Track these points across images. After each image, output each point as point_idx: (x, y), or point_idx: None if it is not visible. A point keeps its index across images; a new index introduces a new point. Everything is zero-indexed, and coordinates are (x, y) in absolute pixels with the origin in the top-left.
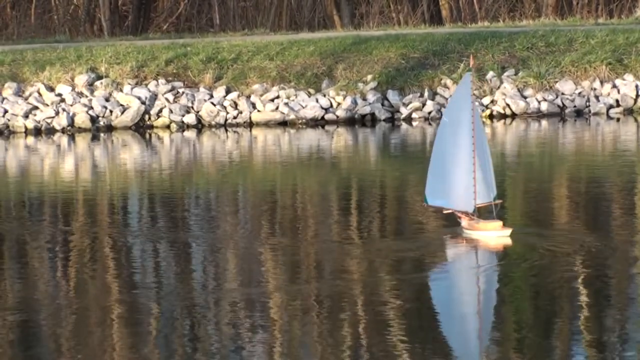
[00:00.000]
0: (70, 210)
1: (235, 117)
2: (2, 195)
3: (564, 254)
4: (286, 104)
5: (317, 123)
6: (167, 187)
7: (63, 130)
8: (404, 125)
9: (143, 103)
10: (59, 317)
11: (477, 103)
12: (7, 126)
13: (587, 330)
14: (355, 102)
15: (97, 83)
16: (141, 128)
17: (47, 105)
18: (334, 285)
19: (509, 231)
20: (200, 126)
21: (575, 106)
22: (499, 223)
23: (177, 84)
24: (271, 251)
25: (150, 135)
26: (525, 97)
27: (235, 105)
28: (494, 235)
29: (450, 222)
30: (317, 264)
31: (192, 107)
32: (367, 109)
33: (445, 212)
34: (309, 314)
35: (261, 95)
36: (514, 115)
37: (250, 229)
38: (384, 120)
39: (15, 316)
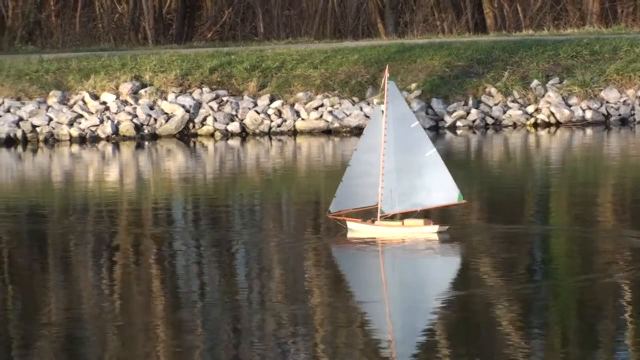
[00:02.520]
0: (114, 219)
1: (279, 126)
2: (47, 203)
3: None
4: (330, 112)
5: (361, 131)
6: (211, 195)
7: (108, 139)
8: (449, 134)
9: (187, 111)
10: (104, 333)
11: (409, 112)
12: (52, 134)
13: None
14: None
15: (142, 91)
16: (185, 136)
17: (92, 113)
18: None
19: (435, 228)
20: (244, 134)
21: (620, 115)
22: (422, 221)
23: (222, 92)
24: (315, 256)
25: (194, 143)
26: (570, 106)
27: (279, 113)
28: (420, 231)
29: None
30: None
31: (237, 116)
32: None
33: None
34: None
35: (305, 104)
36: (558, 124)
37: (294, 237)
38: (428, 128)
39: (61, 331)
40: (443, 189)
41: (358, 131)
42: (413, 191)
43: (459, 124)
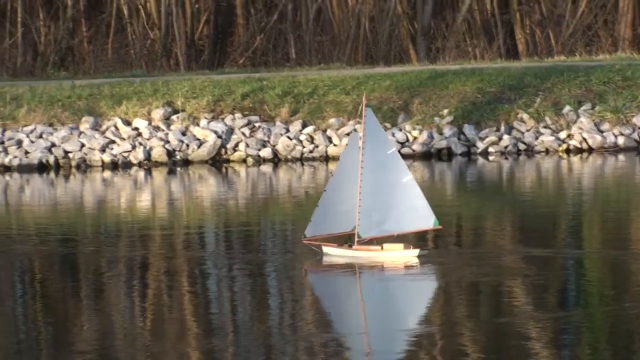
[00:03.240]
0: (146, 243)
1: (311, 151)
2: (79, 228)
3: None
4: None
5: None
6: (243, 220)
7: (140, 164)
8: (480, 160)
9: (219, 137)
10: None
11: (386, 138)
12: (84, 160)
13: None
14: (431, 137)
15: (174, 117)
16: (217, 162)
17: (124, 139)
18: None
19: (416, 251)
20: (276, 160)
21: None
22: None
23: (254, 118)
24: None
25: (226, 169)
26: (602, 132)
27: (311, 139)
28: (400, 255)
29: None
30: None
31: (269, 141)
32: (443, 143)
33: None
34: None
35: (337, 129)
36: (590, 150)
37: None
38: (460, 154)
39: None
40: (419, 214)
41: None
42: (389, 216)
43: (490, 149)
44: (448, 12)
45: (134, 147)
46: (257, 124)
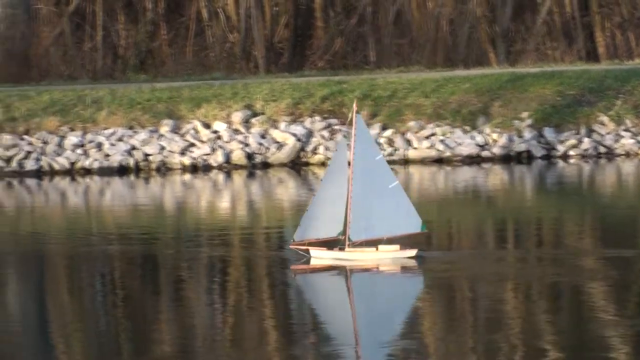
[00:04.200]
0: (226, 245)
1: (390, 154)
2: (160, 231)
3: None
4: (442, 141)
5: (472, 160)
6: None
7: (219, 167)
8: (560, 163)
9: (299, 140)
10: None
11: (374, 145)
12: (164, 163)
13: None
14: (511, 140)
15: (253, 120)
16: (297, 165)
17: (204, 142)
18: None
19: (413, 252)
20: None
21: None
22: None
23: (333, 120)
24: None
25: (305, 172)
26: None
27: (391, 142)
28: (396, 256)
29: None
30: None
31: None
32: (523, 147)
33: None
34: None
35: (417, 132)
36: None
37: (409, 265)
38: (540, 157)
39: None
40: (406, 219)
41: (469, 160)
42: (378, 220)
43: (570, 152)
44: (527, 15)
45: (213, 150)
46: (336, 127)
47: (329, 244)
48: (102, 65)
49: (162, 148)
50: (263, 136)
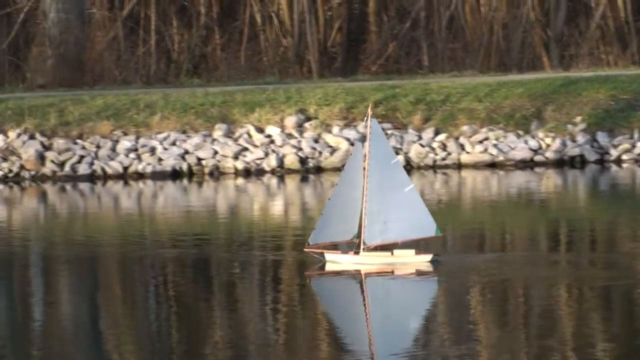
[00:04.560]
0: (279, 249)
1: (443, 159)
2: (213, 235)
3: None
4: (495, 145)
5: (525, 165)
6: None
7: (272, 172)
8: (614, 167)
9: (352, 144)
10: None
11: (389, 149)
12: (217, 167)
13: None
14: (564, 144)
15: (306, 124)
16: None
17: (257, 146)
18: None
19: (429, 257)
20: (409, 167)
21: None
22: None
23: (386, 125)
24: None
25: None
26: None
27: (444, 146)
28: (411, 261)
29: None
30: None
31: (401, 149)
32: (576, 151)
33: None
34: None
35: (470, 137)
36: None
37: (458, 269)
38: (593, 161)
39: None
40: (421, 222)
41: (522, 164)
42: (393, 224)
43: (624, 157)
44: (581, 19)
45: (266, 154)
46: (389, 131)
47: (344, 247)
48: (155, 70)
49: (215, 152)
50: (316, 140)
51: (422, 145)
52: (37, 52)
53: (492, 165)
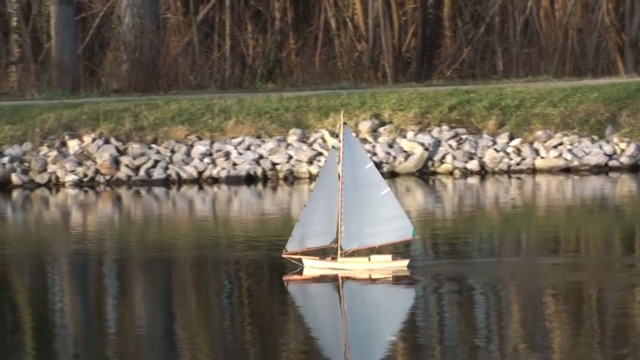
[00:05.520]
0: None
1: (518, 164)
2: (287, 239)
3: None
4: (569, 150)
5: (600, 170)
6: (449, 232)
7: None
8: None
9: (426, 149)
10: None
11: (364, 154)
12: (292, 172)
13: None
14: (639, 149)
15: (381, 129)
16: (424, 174)
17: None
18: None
19: (405, 262)
20: (483, 172)
21: None
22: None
23: (461, 130)
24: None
25: (433, 181)
26: None
27: (518, 151)
28: (389, 266)
29: None
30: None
31: (476, 154)
32: None
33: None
34: None
35: (544, 142)
36: None
37: (529, 275)
38: None
39: None
40: (398, 226)
41: (597, 169)
42: (370, 229)
43: None
44: None
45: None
46: (464, 136)
47: (320, 253)
48: (230, 75)
49: (290, 157)
50: (391, 145)
51: (497, 151)
52: (112, 57)
53: (567, 170)
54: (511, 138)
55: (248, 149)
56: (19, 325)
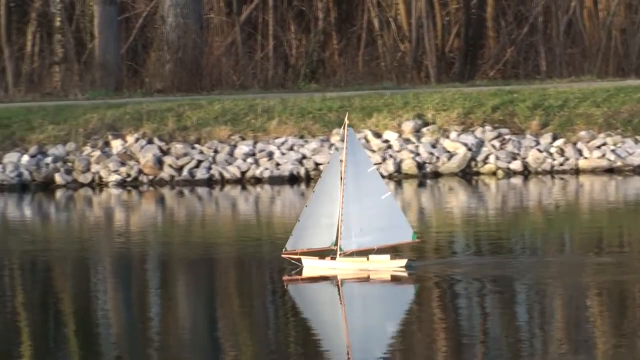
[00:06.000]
0: (392, 252)
1: (561, 164)
2: None
3: None
4: (613, 150)
5: None
6: (492, 233)
7: (390, 177)
8: None
9: (469, 149)
10: None
11: (366, 157)
12: None
13: None
14: None
15: (424, 129)
16: (467, 174)
17: (374, 151)
18: None
19: (403, 262)
20: (526, 173)
21: None
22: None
23: (504, 130)
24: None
25: (476, 181)
26: None
27: (561, 152)
28: (387, 266)
29: None
30: None
31: (519, 154)
32: None
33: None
34: None
35: (588, 142)
36: None
37: (577, 274)
38: None
39: None
40: (398, 228)
41: None
42: (369, 230)
43: None
44: None
45: (384, 159)
46: (507, 137)
47: (320, 254)
48: (273, 75)
49: None
50: (434, 145)
51: (540, 151)
52: (155, 57)
53: (610, 171)
54: (554, 138)
55: (291, 149)
56: (62, 325)
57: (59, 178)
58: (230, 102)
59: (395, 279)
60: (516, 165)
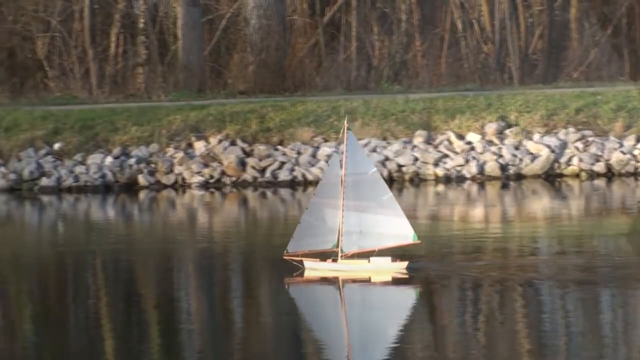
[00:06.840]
0: (479, 255)
1: None
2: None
3: None
4: None
5: None
6: (576, 235)
7: (473, 179)
8: None
9: (552, 151)
10: None
11: (367, 159)
12: (417, 174)
13: None
14: None
15: (507, 131)
16: (551, 176)
17: (457, 153)
18: None
19: (404, 264)
20: (610, 175)
21: None
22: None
23: (587, 132)
24: None
25: (559, 183)
26: None
27: None
28: (388, 268)
29: None
30: None
31: (602, 156)
32: None
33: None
34: None
35: None
36: None
37: None
38: None
39: None
40: (399, 230)
41: None
42: (370, 232)
43: None
44: None
45: (467, 161)
46: (590, 139)
47: (322, 256)
48: (356, 76)
49: (416, 159)
50: (517, 147)
51: (623, 153)
52: (239, 59)
53: None
54: (638, 140)
55: (374, 150)
56: (146, 323)
57: (142, 179)
58: (313, 103)
59: (396, 281)
60: (599, 167)
